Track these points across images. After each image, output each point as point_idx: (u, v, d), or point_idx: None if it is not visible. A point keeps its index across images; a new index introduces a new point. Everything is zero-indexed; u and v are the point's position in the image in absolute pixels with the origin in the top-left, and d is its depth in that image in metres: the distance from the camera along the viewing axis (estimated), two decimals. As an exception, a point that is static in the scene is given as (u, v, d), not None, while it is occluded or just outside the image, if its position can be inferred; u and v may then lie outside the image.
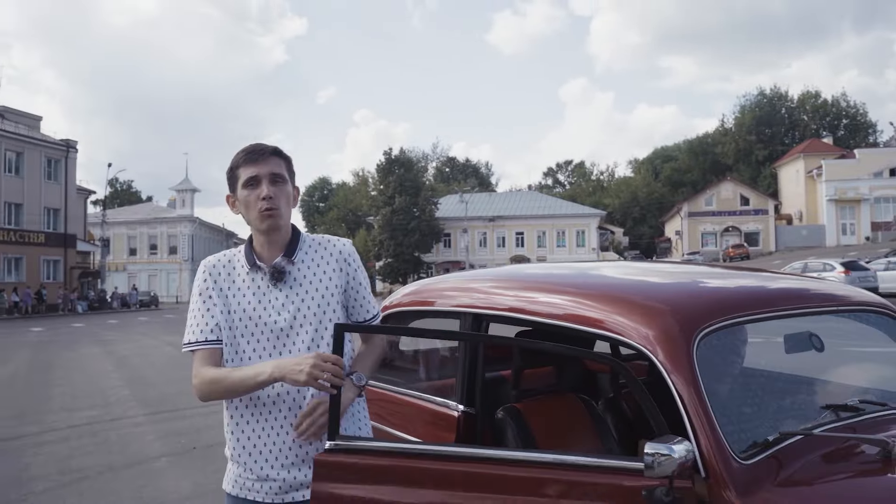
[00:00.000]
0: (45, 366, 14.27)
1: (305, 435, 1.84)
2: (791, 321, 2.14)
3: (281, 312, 1.91)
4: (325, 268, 1.98)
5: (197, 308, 1.95)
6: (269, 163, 1.92)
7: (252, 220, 1.93)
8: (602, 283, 2.27)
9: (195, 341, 1.91)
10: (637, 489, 1.52)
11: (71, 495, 5.33)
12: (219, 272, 1.97)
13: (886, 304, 2.38)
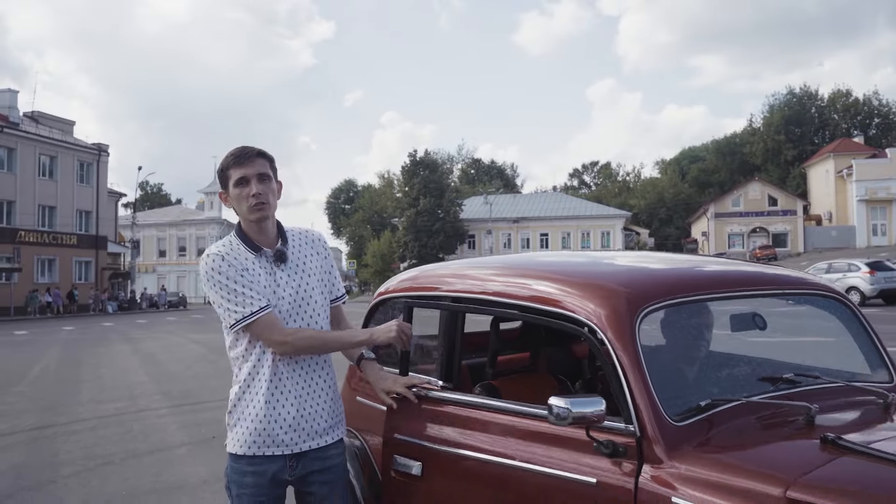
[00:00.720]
0: (74, 362, 14.76)
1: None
2: (743, 303, 2.31)
3: (286, 289, 2.25)
4: (310, 253, 2.35)
5: (236, 285, 2.18)
6: (256, 164, 2.23)
7: (244, 213, 2.24)
8: (565, 269, 2.46)
9: (259, 308, 2.16)
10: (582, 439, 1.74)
11: (95, 478, 5.62)
12: (234, 257, 2.23)
13: (833, 289, 2.53)
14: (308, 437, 2.24)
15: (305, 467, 2.25)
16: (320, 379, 2.29)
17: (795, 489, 1.56)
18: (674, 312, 2.13)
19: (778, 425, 1.89)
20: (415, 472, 2.39)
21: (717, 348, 2.47)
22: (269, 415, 2.19)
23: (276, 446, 2.20)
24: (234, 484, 2.24)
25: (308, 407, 2.24)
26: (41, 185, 42.83)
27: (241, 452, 2.21)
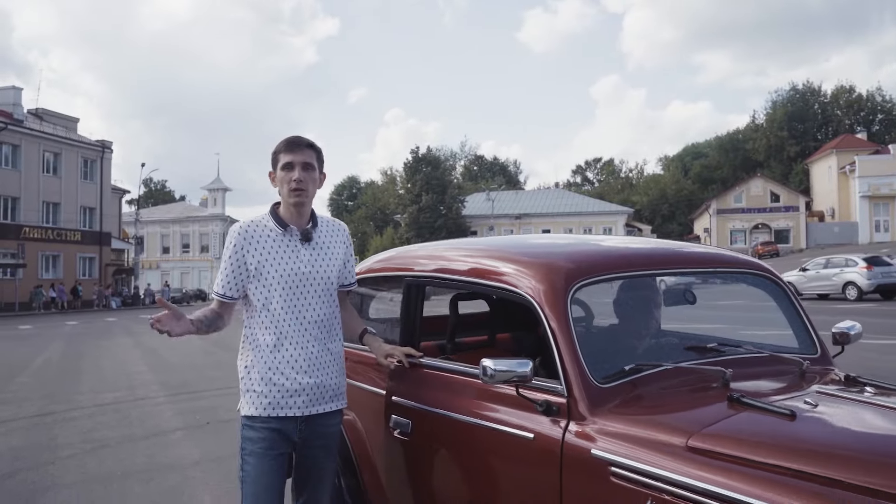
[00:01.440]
0: (76, 354, 14.99)
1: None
2: (677, 279, 2.50)
3: (306, 265, 2.48)
4: (336, 240, 2.60)
5: (226, 267, 2.49)
6: (303, 153, 2.48)
7: (284, 194, 2.49)
8: (516, 250, 2.64)
9: (219, 293, 2.51)
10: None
11: (92, 460, 5.83)
12: (251, 234, 2.48)
13: (763, 266, 2.71)
14: (318, 402, 2.45)
15: (311, 431, 2.46)
16: (329, 350, 2.50)
17: (695, 439, 1.74)
18: (607, 287, 2.31)
19: (694, 387, 2.07)
20: (406, 430, 2.60)
21: (653, 321, 2.64)
22: (281, 379, 2.40)
23: (288, 408, 2.41)
24: (248, 441, 2.43)
25: (319, 374, 2.45)
26: (45, 181, 43.11)
27: (259, 413, 2.41)
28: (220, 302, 2.53)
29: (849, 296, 23.49)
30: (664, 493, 1.70)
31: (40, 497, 4.85)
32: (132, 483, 5.15)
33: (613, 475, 1.82)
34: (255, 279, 2.46)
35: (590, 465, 1.88)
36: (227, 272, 2.48)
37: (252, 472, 2.40)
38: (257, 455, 2.40)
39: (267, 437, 2.40)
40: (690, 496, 1.65)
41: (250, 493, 2.40)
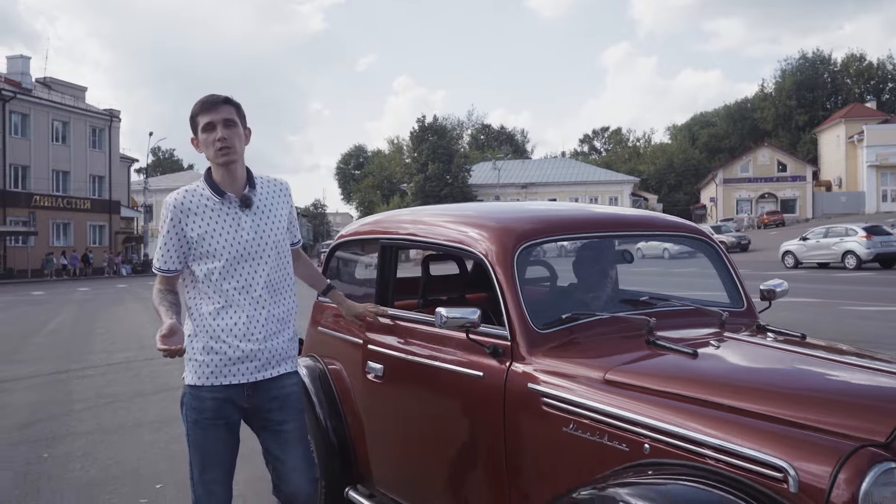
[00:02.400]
0: (89, 318, 15.48)
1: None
2: (609, 242, 2.83)
3: (248, 232, 2.38)
4: (277, 200, 2.49)
5: (163, 241, 2.41)
6: (222, 110, 2.35)
7: (211, 157, 2.38)
8: (479, 215, 2.93)
9: (159, 268, 2.43)
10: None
11: (105, 412, 6.25)
12: (188, 206, 2.37)
13: (699, 229, 3.02)
14: (263, 368, 2.39)
15: (260, 396, 2.41)
16: (275, 315, 2.42)
17: (611, 373, 2.08)
18: (552, 247, 2.64)
19: (622, 333, 2.39)
20: (380, 374, 2.93)
21: (606, 279, 2.97)
22: (223, 347, 2.34)
23: (231, 376, 2.35)
24: (193, 410, 2.38)
25: (264, 340, 2.38)
26: (55, 150, 43.46)
27: (201, 383, 2.36)
28: (164, 277, 2.42)
29: (848, 264, 23.70)
30: (583, 418, 2.04)
31: (59, 443, 5.26)
32: (143, 432, 5.56)
33: (545, 405, 2.16)
34: (196, 252, 2.37)
35: (526, 398, 2.22)
36: (166, 246, 2.40)
37: (197, 441, 2.38)
38: (201, 424, 2.37)
39: (211, 406, 2.36)
40: (603, 419, 1.99)
41: (197, 460, 2.39)
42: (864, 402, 1.75)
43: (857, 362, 2.04)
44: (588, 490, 1.79)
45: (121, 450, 5.07)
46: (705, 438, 1.75)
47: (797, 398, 1.80)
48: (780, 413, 1.73)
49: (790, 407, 1.74)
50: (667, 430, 1.83)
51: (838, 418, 1.66)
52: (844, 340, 8.85)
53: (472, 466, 2.47)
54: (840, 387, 1.91)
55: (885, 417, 1.62)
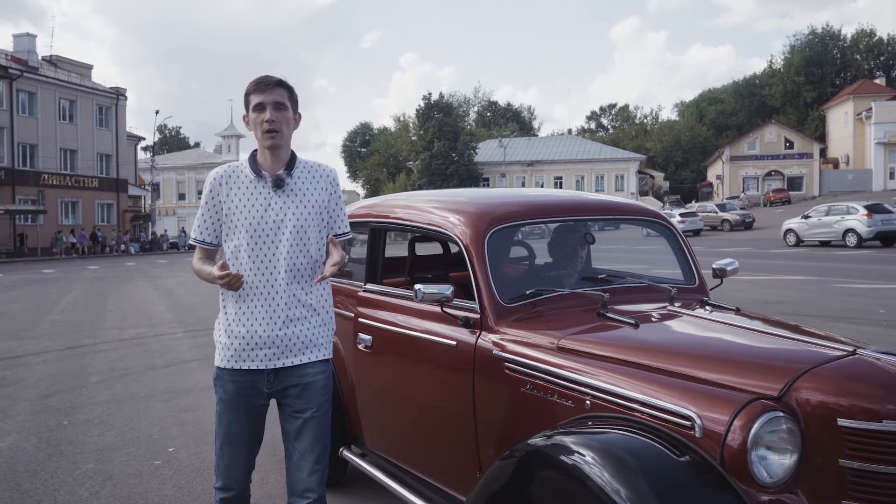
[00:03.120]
0: (99, 295, 15.89)
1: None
2: (579, 225, 3.13)
3: (276, 213, 2.39)
4: (315, 186, 2.47)
5: (201, 213, 2.47)
6: (274, 92, 2.37)
7: (258, 137, 2.41)
8: (456, 201, 3.21)
9: (197, 239, 2.48)
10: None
11: (119, 384, 6.62)
12: (225, 181, 2.43)
13: (656, 213, 3.31)
14: (284, 355, 2.39)
15: (282, 382, 2.41)
16: (300, 301, 2.41)
17: (563, 341, 2.39)
18: (519, 230, 2.95)
19: (579, 307, 2.70)
20: (369, 345, 3.25)
21: (576, 259, 3.26)
22: (243, 331, 2.37)
23: (251, 361, 2.38)
24: (219, 388, 2.46)
25: (286, 327, 2.38)
26: (62, 128, 43.78)
27: (223, 365, 2.42)
28: (202, 249, 2.48)
29: (848, 243, 23.89)
30: (537, 379, 2.35)
31: (77, 412, 5.63)
32: (154, 402, 5.92)
33: (507, 369, 2.47)
34: (225, 227, 2.42)
35: (492, 363, 2.53)
36: (202, 217, 2.46)
37: (220, 418, 2.46)
38: (224, 403, 2.44)
39: (233, 388, 2.41)
40: (554, 380, 2.30)
41: (220, 435, 2.47)
42: (765, 362, 2.05)
43: (771, 331, 2.34)
44: (538, 438, 2.10)
45: (135, 418, 5.42)
46: (634, 395, 2.06)
47: (710, 360, 2.10)
48: (695, 372, 2.03)
49: (703, 368, 2.05)
50: (604, 389, 2.15)
51: (741, 377, 1.96)
52: (830, 317, 9.20)
53: (447, 425, 2.79)
54: (748, 350, 2.21)
55: (779, 375, 1.92)
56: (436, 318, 2.81)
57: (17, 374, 7.20)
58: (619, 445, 1.91)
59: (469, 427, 2.63)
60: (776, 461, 1.82)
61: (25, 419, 5.45)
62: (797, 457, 1.82)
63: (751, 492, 1.78)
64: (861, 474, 1.78)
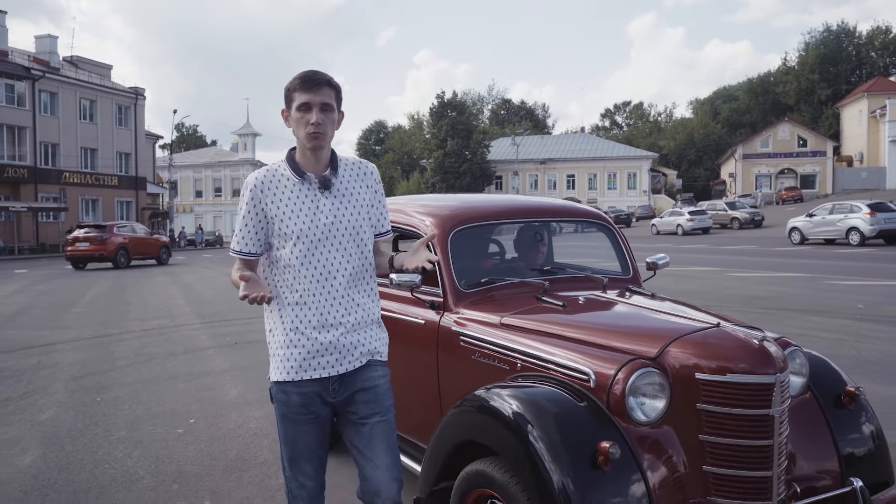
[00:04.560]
0: (122, 290, 16.67)
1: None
2: (533, 226, 3.72)
3: (327, 216, 2.28)
4: (361, 184, 2.38)
5: (243, 222, 2.31)
6: (321, 93, 2.23)
7: (301, 138, 2.27)
8: (430, 205, 3.79)
9: (238, 250, 2.33)
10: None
11: (143, 368, 7.29)
12: (266, 186, 2.28)
13: (599, 215, 3.89)
14: (346, 360, 2.31)
15: (347, 388, 2.33)
16: (358, 304, 2.34)
17: (506, 318, 2.98)
18: (478, 229, 3.55)
19: (523, 292, 3.29)
20: None
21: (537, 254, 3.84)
22: (303, 339, 2.27)
23: (312, 370, 2.28)
24: (281, 404, 2.33)
25: (346, 331, 2.30)
26: (82, 128, 44.85)
27: (285, 378, 2.29)
28: (244, 261, 2.33)
29: (851, 241, 24.22)
30: (484, 349, 2.95)
31: (108, 391, 6.29)
32: (176, 382, 6.58)
33: (461, 341, 3.07)
34: (273, 234, 2.29)
35: (451, 337, 3.13)
36: (245, 228, 2.30)
37: (287, 436, 2.35)
38: (290, 420, 2.33)
39: (297, 401, 2.30)
40: (496, 349, 2.90)
41: (287, 454, 2.38)
42: (648, 332, 2.63)
43: (664, 309, 2.91)
44: (481, 391, 2.67)
45: (159, 395, 6.07)
46: (551, 358, 2.66)
47: (609, 331, 2.69)
48: (596, 340, 2.63)
49: (603, 336, 2.64)
50: (531, 354, 2.74)
51: (628, 343, 2.55)
52: (810, 311, 9.76)
53: (417, 391, 3.39)
54: (639, 323, 2.80)
55: (657, 341, 2.50)
56: (408, 301, 3.42)
57: (52, 358, 7.90)
58: (537, 395, 2.50)
59: (434, 389, 3.23)
60: (649, 405, 2.40)
61: (63, 396, 6.12)
62: (666, 402, 2.41)
63: (630, 427, 2.37)
64: (711, 414, 2.36)
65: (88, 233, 25.18)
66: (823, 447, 2.63)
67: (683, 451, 2.39)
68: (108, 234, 25.29)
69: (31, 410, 5.66)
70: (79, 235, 25.15)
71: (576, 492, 2.17)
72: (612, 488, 2.22)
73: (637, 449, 2.32)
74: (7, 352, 8.38)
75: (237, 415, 5.38)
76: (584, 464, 2.22)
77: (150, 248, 27.41)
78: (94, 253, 24.69)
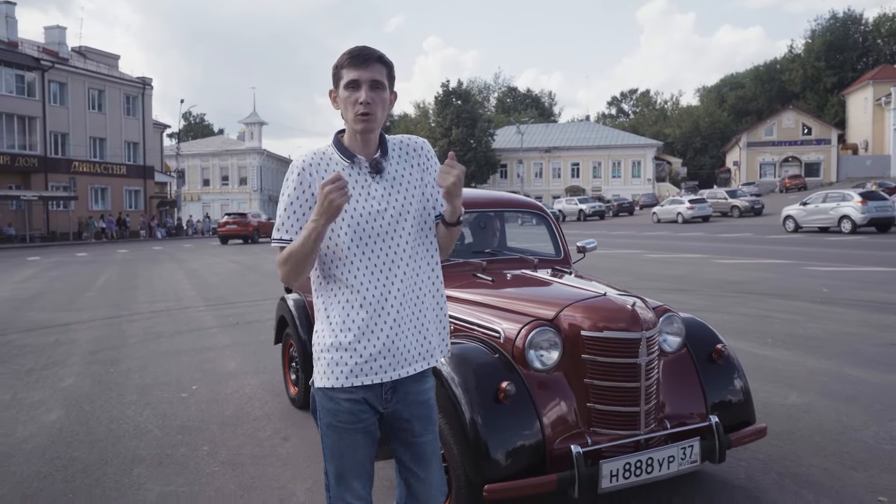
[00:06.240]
0: (131, 275, 17.43)
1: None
2: (482, 214, 4.37)
3: (381, 203, 2.07)
4: (413, 163, 2.16)
5: (290, 209, 2.07)
6: (372, 69, 2.03)
7: (349, 119, 2.07)
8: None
9: (280, 238, 2.07)
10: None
11: (152, 344, 7.99)
12: (315, 169, 2.07)
13: (537, 205, 4.53)
14: (403, 363, 2.08)
15: (400, 398, 2.12)
16: (418, 298, 2.11)
17: (447, 291, 3.63)
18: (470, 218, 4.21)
19: (465, 270, 3.93)
20: None
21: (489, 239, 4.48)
22: (359, 343, 2.04)
23: (364, 375, 2.05)
24: (327, 413, 2.09)
25: (403, 331, 2.07)
26: (91, 117, 45.66)
27: (334, 384, 2.06)
28: (283, 248, 2.06)
29: (843, 229, 24.71)
30: (428, 316, 3.61)
31: (120, 363, 6.99)
32: (182, 356, 7.27)
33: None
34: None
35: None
36: (293, 214, 2.06)
37: (334, 450, 2.11)
38: (338, 430, 2.09)
39: (347, 408, 2.07)
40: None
41: (333, 469, 2.13)
42: (551, 300, 3.28)
43: (573, 283, 3.56)
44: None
45: (166, 367, 6.76)
46: (473, 321, 3.33)
47: (521, 299, 3.35)
48: (509, 306, 3.28)
49: (516, 304, 3.29)
50: (461, 318, 3.40)
51: (533, 308, 3.21)
52: (775, 294, 10.53)
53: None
54: (546, 293, 3.45)
55: (554, 307, 3.15)
56: None
57: (69, 336, 8.62)
58: (460, 349, 3.16)
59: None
60: (546, 356, 3.06)
61: (80, 367, 6.83)
62: (559, 353, 3.06)
63: (531, 374, 3.02)
64: (593, 362, 3.01)
65: (234, 219, 36.24)
66: (693, 392, 3.28)
67: (573, 391, 3.05)
68: (246, 219, 36.15)
69: (52, 379, 6.37)
70: (228, 220, 36.11)
71: (482, 421, 2.84)
72: (511, 418, 2.88)
73: (535, 389, 2.99)
74: (27, 331, 9.11)
75: (234, 382, 6.07)
76: (488, 400, 2.88)
77: (268, 230, 33.02)
78: (238, 232, 35.13)
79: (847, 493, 3.42)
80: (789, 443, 4.12)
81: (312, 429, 4.65)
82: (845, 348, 6.58)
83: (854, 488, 3.48)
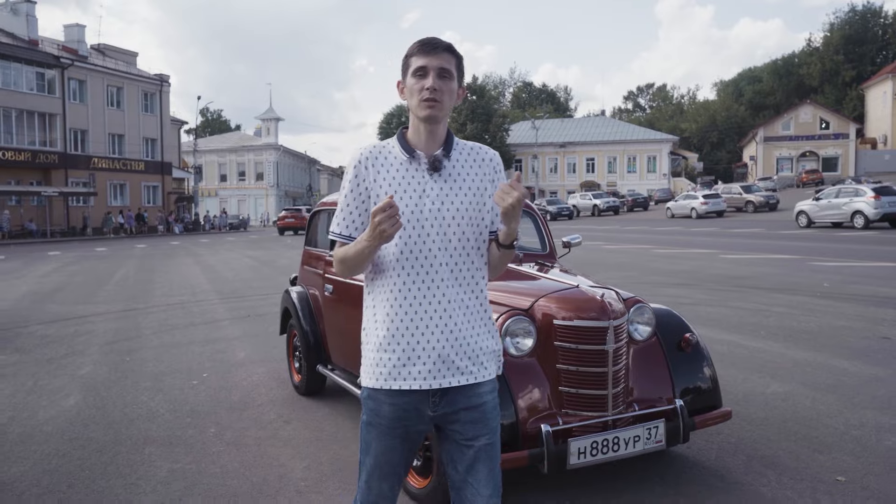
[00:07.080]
0: (148, 270, 17.85)
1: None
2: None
3: (435, 201, 2.00)
4: (478, 171, 2.08)
5: (345, 202, 2.05)
6: (440, 57, 2.01)
7: (414, 107, 2.02)
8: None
9: (339, 233, 2.05)
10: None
11: (167, 335, 8.32)
12: (372, 163, 2.04)
13: (526, 203, 4.74)
14: (448, 372, 1.99)
15: (450, 404, 2.02)
16: (467, 306, 2.02)
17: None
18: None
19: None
20: (331, 292, 4.76)
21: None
22: (403, 345, 1.98)
23: (402, 379, 1.99)
24: (370, 411, 2.06)
25: (449, 337, 1.99)
26: (110, 114, 46.36)
27: (375, 385, 2.02)
28: (343, 245, 2.04)
29: (856, 224, 24.62)
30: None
31: (135, 353, 7.32)
32: (194, 346, 7.59)
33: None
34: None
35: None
36: (346, 208, 2.05)
37: (371, 446, 2.07)
38: (377, 428, 2.05)
39: (389, 412, 2.02)
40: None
41: (367, 467, 2.09)
42: (527, 291, 3.51)
43: (552, 276, 3.78)
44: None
45: (179, 357, 7.08)
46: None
47: (501, 290, 3.57)
48: (490, 297, 3.51)
49: (496, 295, 3.52)
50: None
51: (511, 299, 3.45)
52: (776, 289, 10.70)
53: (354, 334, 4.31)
54: (524, 285, 3.68)
55: (530, 298, 3.39)
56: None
57: (87, 328, 8.97)
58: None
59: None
60: (521, 342, 3.30)
61: (98, 356, 7.16)
62: (533, 340, 3.30)
63: (508, 359, 3.26)
64: (565, 349, 3.24)
65: (291, 213, 41.41)
66: (661, 378, 3.51)
67: (546, 376, 3.29)
68: (301, 214, 40.52)
69: (71, 367, 6.70)
70: (286, 215, 41.53)
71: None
72: (486, 399, 3.12)
73: (510, 374, 3.23)
74: (48, 322, 9.48)
75: (243, 371, 6.37)
76: (466, 382, 3.13)
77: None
78: (293, 225, 39.58)
79: (808, 473, 3.64)
80: (763, 428, 4.33)
81: (313, 413, 4.94)
82: (835, 341, 6.75)
83: (816, 469, 3.69)
